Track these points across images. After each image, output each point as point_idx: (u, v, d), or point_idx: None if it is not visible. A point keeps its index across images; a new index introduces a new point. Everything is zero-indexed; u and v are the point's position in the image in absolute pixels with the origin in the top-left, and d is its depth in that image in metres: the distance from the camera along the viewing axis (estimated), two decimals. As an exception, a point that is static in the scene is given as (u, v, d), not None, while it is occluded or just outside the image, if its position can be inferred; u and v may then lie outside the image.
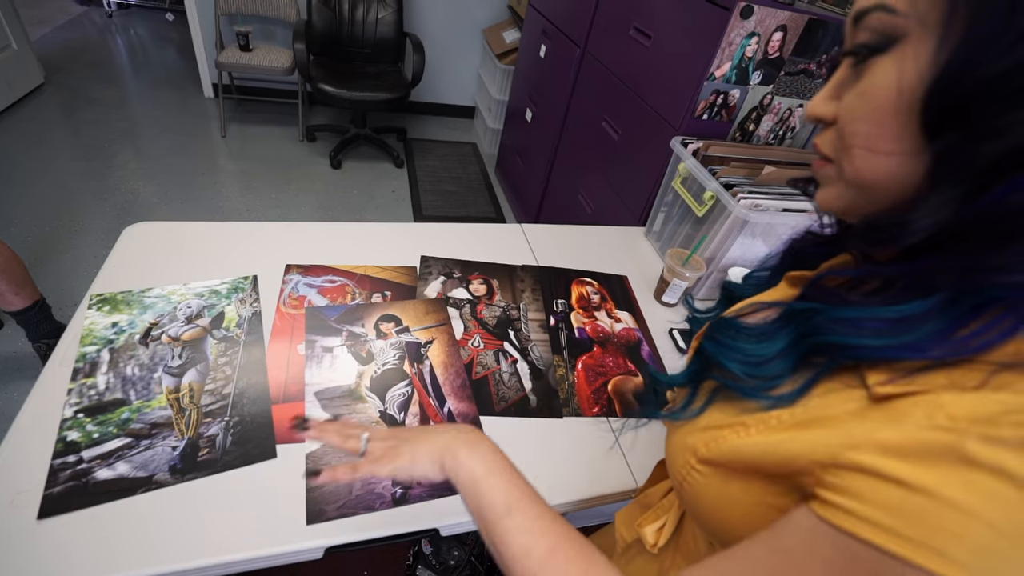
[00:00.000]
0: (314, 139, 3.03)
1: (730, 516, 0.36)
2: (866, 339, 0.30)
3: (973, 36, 0.25)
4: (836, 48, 1.27)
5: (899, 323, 0.29)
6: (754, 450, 0.33)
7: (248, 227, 1.03)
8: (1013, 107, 0.25)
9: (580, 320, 1.01)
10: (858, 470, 0.27)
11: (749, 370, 0.35)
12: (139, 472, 0.63)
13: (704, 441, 0.37)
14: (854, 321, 0.31)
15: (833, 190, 0.35)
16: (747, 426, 0.35)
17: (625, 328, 1.02)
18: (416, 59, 2.68)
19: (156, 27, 4.20)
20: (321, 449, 0.69)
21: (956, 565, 0.23)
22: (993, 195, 0.26)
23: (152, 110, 3.00)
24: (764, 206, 1.00)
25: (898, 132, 0.29)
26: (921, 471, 0.24)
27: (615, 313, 1.05)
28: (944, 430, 0.25)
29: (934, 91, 0.27)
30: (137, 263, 0.90)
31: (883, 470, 0.26)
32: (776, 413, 0.33)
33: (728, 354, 0.37)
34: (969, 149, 0.26)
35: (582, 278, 1.12)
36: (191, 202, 2.38)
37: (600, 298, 1.08)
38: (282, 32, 3.03)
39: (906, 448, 0.25)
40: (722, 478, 0.36)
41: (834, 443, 0.29)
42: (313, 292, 0.92)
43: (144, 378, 0.73)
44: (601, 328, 1.00)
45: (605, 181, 1.71)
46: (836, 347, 0.31)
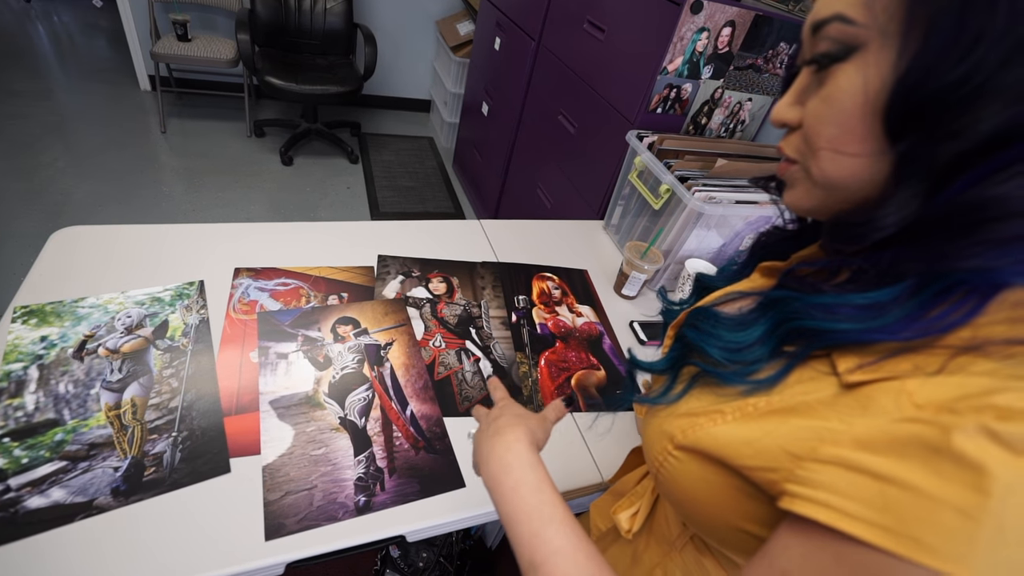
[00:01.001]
0: (263, 134, 2.91)
1: (703, 500, 0.37)
2: (841, 323, 0.31)
3: (929, 47, 0.27)
4: (794, 48, 1.31)
5: (871, 308, 0.30)
6: (731, 439, 0.34)
7: (192, 229, 0.97)
8: (966, 112, 0.26)
9: (542, 316, 1.01)
10: (834, 464, 0.28)
11: (729, 356, 0.37)
12: (77, 497, 0.58)
13: (681, 428, 0.38)
14: (829, 307, 0.32)
15: (801, 190, 0.36)
16: (724, 413, 0.36)
17: (587, 322, 1.03)
18: (368, 51, 2.61)
19: (82, 14, 3.92)
20: (278, 461, 0.66)
21: (932, 551, 0.24)
22: (950, 192, 0.28)
23: (82, 104, 2.79)
24: (718, 198, 1.03)
25: (863, 134, 0.31)
26: (893, 463, 0.26)
27: (576, 307, 1.06)
28: (911, 420, 0.26)
29: (895, 97, 0.29)
30: (68, 271, 0.84)
31: (858, 464, 0.27)
32: (752, 400, 0.35)
33: (709, 341, 0.38)
34: (928, 150, 0.28)
35: (543, 273, 1.12)
36: (130, 202, 2.24)
37: (561, 293, 1.08)
38: (223, 21, 2.88)
39: (878, 441, 0.27)
40: (697, 464, 0.37)
41: (810, 436, 0.30)
42: (265, 296, 0.88)
43: (80, 395, 0.68)
44: (563, 323, 1.01)
45: (563, 175, 1.71)
46: (813, 332, 0.33)
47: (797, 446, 0.30)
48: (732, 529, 0.36)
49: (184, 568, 0.55)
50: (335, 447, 0.70)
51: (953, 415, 0.25)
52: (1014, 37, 0.25)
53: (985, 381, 0.26)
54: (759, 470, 0.32)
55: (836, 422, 0.29)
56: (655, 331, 1.04)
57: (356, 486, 0.66)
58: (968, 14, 0.26)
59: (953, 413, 0.25)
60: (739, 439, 0.34)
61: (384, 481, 0.68)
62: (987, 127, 0.26)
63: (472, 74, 2.51)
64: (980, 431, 0.24)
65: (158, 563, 0.55)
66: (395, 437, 0.73)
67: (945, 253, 0.28)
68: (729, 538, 0.38)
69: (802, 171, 0.36)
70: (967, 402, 0.25)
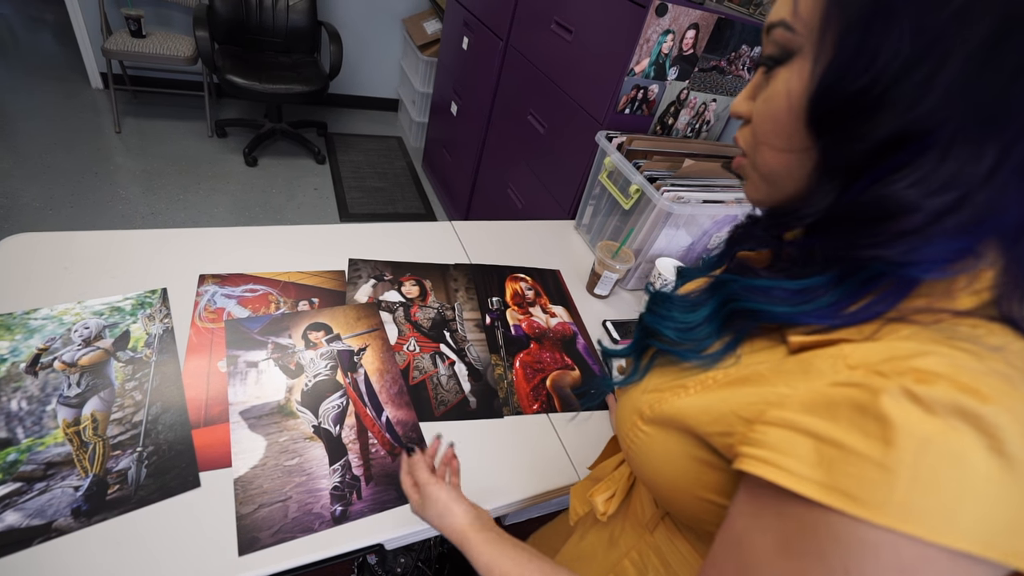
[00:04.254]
0: (225, 134, 2.82)
1: (669, 473, 0.40)
2: (775, 306, 0.35)
3: (836, 61, 0.30)
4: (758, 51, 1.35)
5: (799, 293, 0.34)
6: (692, 409, 0.37)
7: (154, 234, 0.94)
8: (867, 118, 0.30)
9: (515, 317, 1.01)
10: (779, 425, 0.30)
11: (681, 335, 0.40)
12: (34, 520, 0.55)
13: (648, 403, 0.41)
14: (764, 289, 0.36)
15: (750, 183, 0.40)
16: (687, 388, 0.39)
17: (560, 323, 1.03)
18: (333, 49, 2.56)
19: (24, 6, 3.71)
20: (251, 473, 0.65)
21: (857, 501, 0.26)
22: (855, 189, 0.31)
23: (27, 102, 2.65)
24: (686, 198, 1.05)
25: (790, 132, 0.34)
26: (828, 424, 0.28)
27: (550, 308, 1.06)
28: (844, 384, 0.29)
29: (810, 101, 0.32)
30: (18, 281, 0.80)
31: (799, 424, 0.29)
32: (712, 374, 0.38)
33: (663, 323, 0.42)
34: (840, 150, 0.32)
35: (516, 274, 1.12)
36: (83, 206, 2.14)
37: (534, 294, 1.09)
38: (180, 17, 2.77)
39: (817, 403, 0.29)
40: (664, 436, 0.40)
41: (758, 400, 0.33)
42: (232, 303, 0.86)
43: (34, 412, 0.65)
44: (536, 324, 1.01)
45: (534, 175, 1.72)
46: (750, 312, 0.36)
47: (748, 410, 0.33)
48: (697, 500, 0.39)
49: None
50: (309, 456, 0.68)
51: (880, 377, 0.27)
52: (904, 56, 0.28)
53: (909, 344, 0.29)
54: (717, 435, 0.35)
55: (783, 387, 0.32)
56: (628, 330, 1.06)
57: (332, 495, 0.65)
58: (869, 35, 0.29)
59: (880, 376, 0.27)
60: (699, 408, 0.37)
61: (361, 489, 0.67)
62: (882, 133, 0.29)
63: (440, 73, 2.49)
64: (902, 393, 0.26)
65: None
66: (371, 444, 0.72)
67: (852, 243, 0.32)
68: (695, 511, 0.40)
69: (749, 164, 0.39)
70: (892, 364, 0.28)
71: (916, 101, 0.28)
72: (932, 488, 0.25)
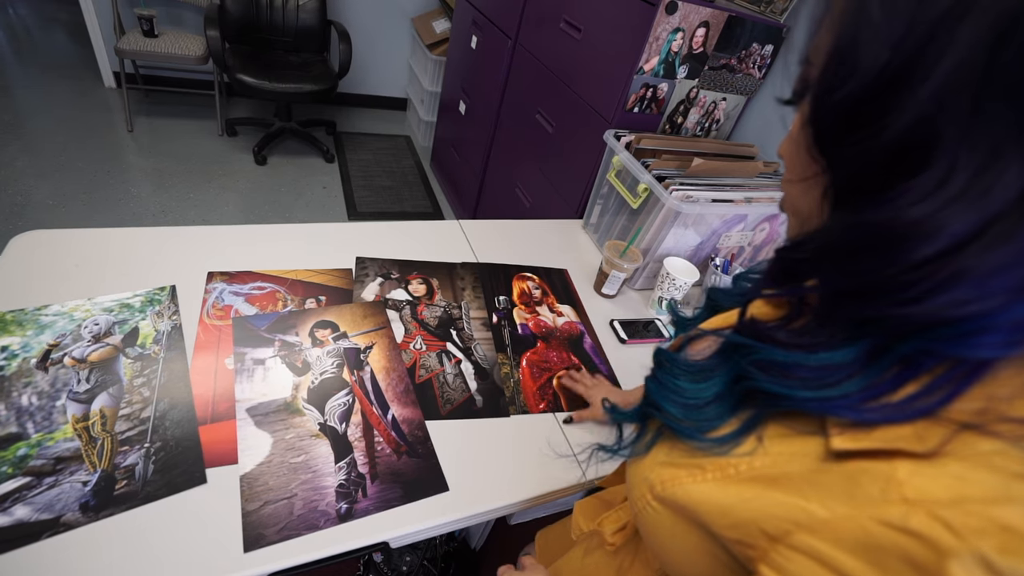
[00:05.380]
0: (235, 133, 2.84)
1: (678, 555, 0.36)
2: (795, 390, 0.29)
3: (825, 71, 0.30)
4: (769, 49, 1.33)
5: (822, 372, 0.28)
6: (708, 504, 0.33)
7: (163, 232, 0.94)
8: (860, 128, 0.27)
9: (522, 316, 1.01)
10: (808, 555, 0.26)
11: (686, 413, 0.35)
12: (43, 515, 0.56)
13: (661, 479, 0.36)
14: (782, 366, 0.30)
15: (788, 223, 0.38)
16: (704, 470, 0.34)
17: (567, 322, 1.03)
18: (342, 48, 2.57)
19: (40, 6, 3.76)
20: (257, 470, 0.65)
21: None
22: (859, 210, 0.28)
23: (42, 101, 2.68)
24: (695, 197, 1.04)
25: (800, 160, 0.33)
26: (868, 571, 0.24)
27: (557, 307, 1.06)
28: (897, 528, 0.24)
29: (807, 120, 0.31)
30: (30, 277, 0.80)
31: (832, 562, 0.25)
32: (735, 462, 0.32)
33: (667, 395, 0.37)
34: (842, 168, 0.30)
35: (523, 273, 1.11)
36: (95, 204, 2.17)
37: (541, 293, 1.08)
38: (192, 17, 2.80)
39: (858, 541, 0.24)
40: (675, 519, 0.36)
41: (785, 516, 0.28)
42: (240, 301, 0.86)
43: (44, 407, 0.65)
44: (543, 323, 1.01)
45: (542, 174, 1.71)
46: (769, 395, 0.31)
47: (772, 525, 0.28)
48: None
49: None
50: (315, 454, 0.68)
51: (951, 534, 0.22)
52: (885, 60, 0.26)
53: (986, 477, 0.23)
54: (735, 543, 0.31)
55: (816, 505, 0.27)
56: (635, 329, 1.05)
57: (337, 493, 0.65)
58: (853, 44, 0.27)
59: (951, 532, 0.22)
60: (716, 505, 0.32)
61: (366, 487, 0.67)
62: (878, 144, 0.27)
63: (449, 72, 2.49)
64: (978, 563, 0.21)
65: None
66: (376, 442, 0.72)
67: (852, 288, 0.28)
68: None
69: None
70: (965, 512, 0.22)
71: (903, 108, 0.25)
72: None
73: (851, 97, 0.28)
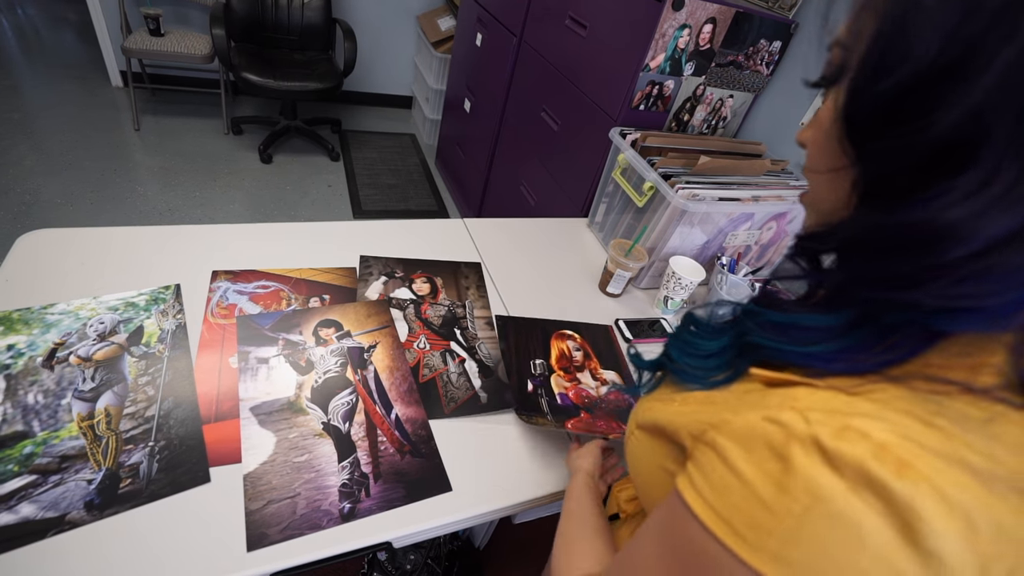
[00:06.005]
0: (240, 132, 2.85)
1: (648, 478, 0.41)
2: (783, 345, 0.33)
3: (867, 59, 0.28)
4: (777, 45, 1.32)
5: (812, 331, 0.32)
6: (666, 417, 0.38)
7: (168, 231, 0.95)
8: (902, 123, 0.26)
9: (561, 384, 0.88)
10: (709, 445, 0.30)
11: (691, 361, 0.40)
12: (48, 512, 0.56)
13: (643, 410, 0.43)
14: (780, 326, 0.34)
15: (806, 214, 0.38)
16: (672, 400, 0.40)
17: (614, 392, 0.91)
18: (348, 47, 2.57)
19: (48, 6, 3.79)
20: (260, 469, 0.65)
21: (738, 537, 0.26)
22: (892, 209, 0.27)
23: (50, 100, 2.70)
24: (701, 196, 1.03)
25: (829, 151, 0.32)
26: (742, 455, 0.28)
27: (600, 373, 0.93)
28: (769, 420, 0.27)
29: (843, 109, 0.30)
30: (36, 276, 0.81)
31: (722, 448, 0.29)
32: (696, 392, 0.38)
33: (679, 345, 0.42)
34: (876, 163, 0.29)
35: (562, 331, 0.99)
36: (102, 202, 2.18)
37: (583, 356, 0.95)
38: (198, 16, 2.81)
39: (743, 433, 0.28)
40: (649, 442, 0.41)
41: (706, 420, 0.32)
42: (244, 300, 0.86)
43: (50, 406, 0.65)
44: (585, 392, 0.88)
45: (547, 172, 1.71)
46: (758, 347, 0.35)
47: (696, 427, 0.33)
48: None
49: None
50: (318, 453, 0.68)
51: (803, 423, 0.26)
52: (936, 51, 0.24)
53: (870, 406, 0.26)
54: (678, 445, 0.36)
55: (729, 412, 0.31)
56: (640, 329, 1.05)
57: (340, 493, 0.65)
58: (901, 31, 0.26)
59: (804, 421, 0.26)
60: (669, 419, 0.38)
61: (369, 487, 0.67)
62: (919, 140, 0.25)
63: (454, 70, 2.48)
64: (812, 442, 0.25)
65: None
66: (380, 442, 0.72)
67: (887, 280, 0.28)
68: None
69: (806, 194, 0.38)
70: (824, 415, 0.26)
71: (953, 103, 0.24)
72: (812, 549, 0.24)
73: (896, 88, 0.26)
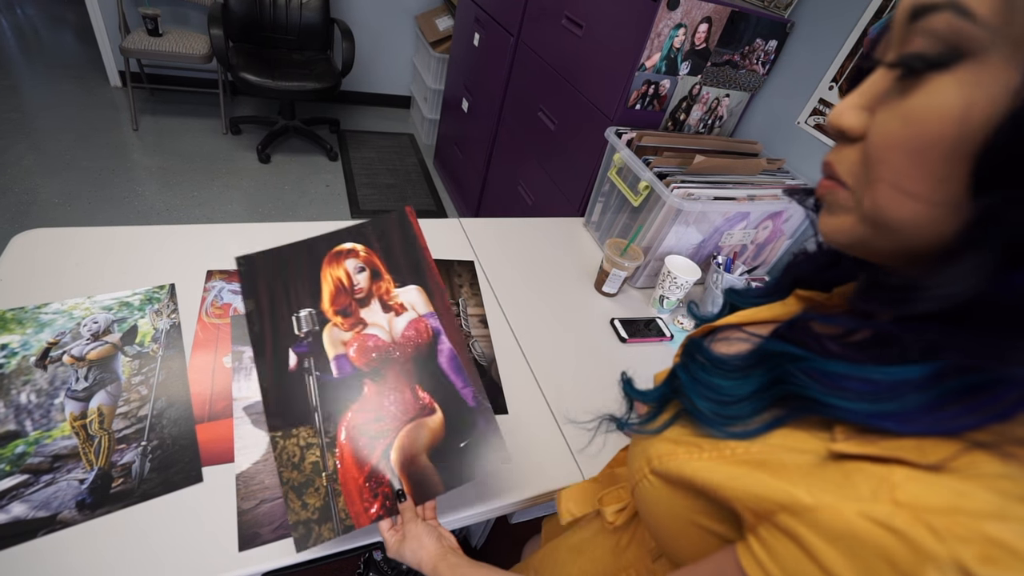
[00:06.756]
0: (239, 132, 2.85)
1: (670, 529, 0.37)
2: (847, 402, 0.27)
3: None
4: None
5: (887, 388, 0.26)
6: (700, 475, 0.33)
7: (163, 231, 0.95)
8: None
9: (338, 340, 0.61)
10: (789, 536, 0.26)
11: (717, 408, 0.34)
12: (39, 512, 0.56)
13: (658, 454, 0.37)
14: (836, 378, 0.28)
15: (844, 221, 0.29)
16: (701, 449, 0.34)
17: (413, 320, 0.63)
18: (346, 46, 2.57)
19: (47, 6, 3.79)
20: (252, 468, 0.65)
21: None
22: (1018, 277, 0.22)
23: (49, 100, 2.70)
24: (696, 195, 1.03)
25: (940, 175, 0.24)
26: (846, 564, 0.23)
27: (394, 297, 0.64)
28: (882, 525, 0.22)
29: (1002, 135, 0.21)
30: (30, 276, 0.81)
31: (812, 548, 0.24)
32: (732, 445, 0.32)
33: (698, 389, 0.35)
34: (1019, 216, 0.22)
35: (337, 248, 0.66)
36: (100, 202, 2.18)
37: (369, 277, 0.65)
38: (196, 16, 2.81)
39: (840, 532, 0.24)
40: (669, 492, 0.36)
41: (771, 497, 0.27)
42: (239, 299, 0.86)
43: (43, 405, 0.65)
44: (374, 341, 0.62)
45: (544, 172, 1.71)
46: (810, 402, 0.29)
47: (757, 504, 0.28)
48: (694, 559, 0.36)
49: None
50: (312, 453, 0.68)
51: (934, 538, 0.21)
52: None
53: (985, 496, 0.21)
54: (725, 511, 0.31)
55: (803, 492, 0.26)
56: (636, 328, 1.05)
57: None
58: None
59: (935, 535, 0.21)
60: (706, 481, 0.32)
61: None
62: None
63: (452, 70, 2.48)
64: (957, 570, 0.20)
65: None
66: (373, 441, 0.71)
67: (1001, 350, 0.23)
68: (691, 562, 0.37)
69: (853, 199, 0.28)
70: (955, 522, 0.21)
71: None
72: None
73: None
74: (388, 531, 0.56)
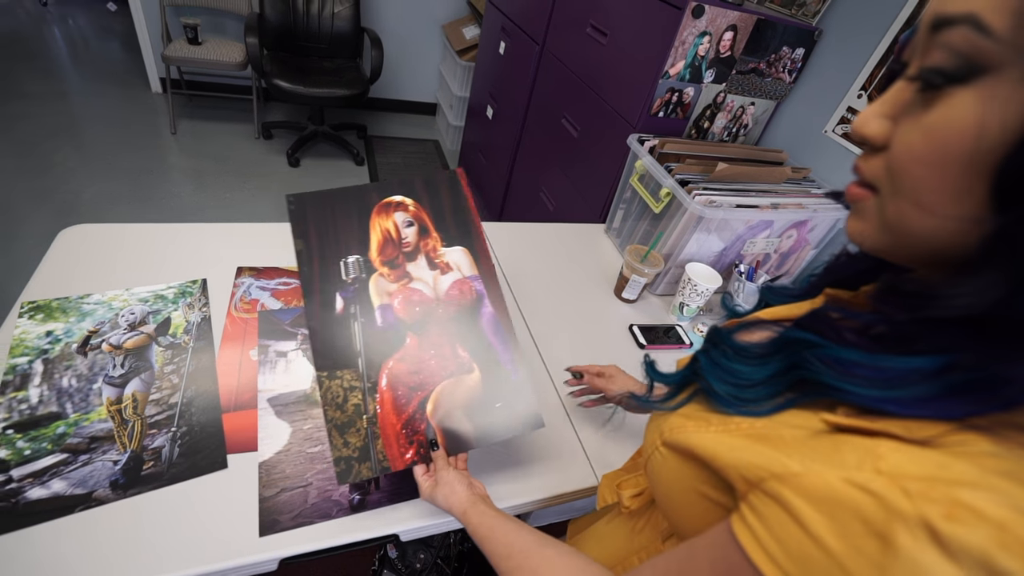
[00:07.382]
0: (271, 136, 2.94)
1: (677, 500, 0.38)
2: (856, 387, 0.28)
3: None
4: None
5: (897, 376, 0.26)
6: (703, 446, 0.35)
7: (197, 228, 0.99)
8: None
9: (384, 290, 0.63)
10: (776, 500, 0.27)
11: (734, 391, 0.35)
12: (77, 489, 0.59)
13: (669, 427, 0.39)
14: (848, 364, 0.29)
15: (867, 226, 0.30)
16: (709, 423, 0.36)
17: (458, 281, 0.65)
18: (375, 55, 2.63)
19: (97, 17, 3.98)
20: (275, 458, 0.67)
21: None
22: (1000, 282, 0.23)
23: (94, 105, 2.84)
24: (718, 202, 1.03)
25: (959, 190, 0.24)
26: (825, 524, 0.24)
27: (441, 256, 0.66)
28: (861, 488, 0.23)
29: (1021, 151, 0.22)
30: (75, 268, 0.85)
31: (795, 509, 0.25)
32: (738, 420, 0.34)
33: (717, 373, 0.37)
34: None
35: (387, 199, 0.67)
36: (139, 202, 2.27)
37: (418, 232, 0.66)
38: (233, 25, 2.91)
39: (822, 495, 0.25)
40: (677, 462, 0.38)
41: (767, 466, 0.29)
42: (266, 295, 0.89)
43: (82, 389, 0.69)
44: (419, 297, 0.64)
45: (566, 178, 1.72)
46: (822, 386, 0.30)
47: (751, 472, 0.29)
48: (697, 530, 0.37)
49: (179, 561, 0.56)
50: (332, 445, 0.69)
51: (904, 497, 0.22)
52: None
53: (966, 468, 0.22)
54: (722, 480, 0.33)
55: (795, 461, 0.27)
56: (655, 335, 1.04)
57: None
58: None
59: (907, 496, 0.22)
60: (710, 450, 0.34)
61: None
62: None
63: (477, 78, 2.52)
64: (922, 525, 0.21)
65: (154, 555, 0.56)
66: (391, 436, 0.73)
67: (1012, 359, 0.23)
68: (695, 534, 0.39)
69: (876, 207, 0.29)
70: (927, 485, 0.22)
71: None
72: None
73: None
74: (422, 476, 0.59)
